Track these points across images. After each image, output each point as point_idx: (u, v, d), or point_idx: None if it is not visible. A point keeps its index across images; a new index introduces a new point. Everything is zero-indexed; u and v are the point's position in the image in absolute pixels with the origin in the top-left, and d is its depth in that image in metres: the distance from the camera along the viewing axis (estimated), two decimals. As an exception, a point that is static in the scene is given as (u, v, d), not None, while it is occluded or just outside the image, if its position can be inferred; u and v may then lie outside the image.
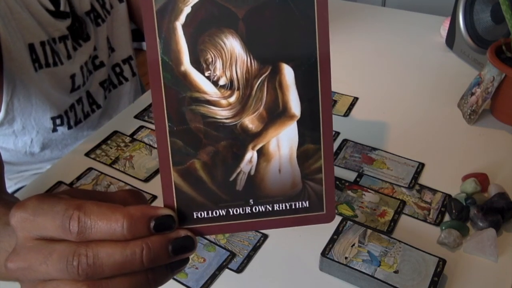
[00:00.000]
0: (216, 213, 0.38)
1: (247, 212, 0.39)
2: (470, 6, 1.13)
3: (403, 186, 0.82)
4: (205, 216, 0.38)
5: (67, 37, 0.94)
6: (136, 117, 1.01)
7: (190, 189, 0.38)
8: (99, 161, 0.89)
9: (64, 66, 0.95)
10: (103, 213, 0.35)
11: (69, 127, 1.00)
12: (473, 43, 1.13)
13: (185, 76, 0.37)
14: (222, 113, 0.37)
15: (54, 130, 0.98)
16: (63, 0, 0.93)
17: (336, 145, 0.91)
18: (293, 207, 0.39)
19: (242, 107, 0.37)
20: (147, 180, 0.85)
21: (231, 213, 0.38)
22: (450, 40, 1.21)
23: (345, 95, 1.06)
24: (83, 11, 0.98)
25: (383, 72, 1.16)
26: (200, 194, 0.38)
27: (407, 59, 1.21)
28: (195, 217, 0.38)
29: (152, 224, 0.36)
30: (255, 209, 0.39)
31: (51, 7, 0.91)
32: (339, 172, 0.85)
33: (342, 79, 1.11)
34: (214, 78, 0.37)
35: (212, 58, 0.37)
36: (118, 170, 0.87)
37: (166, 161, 0.38)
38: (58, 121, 0.97)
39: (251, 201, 0.38)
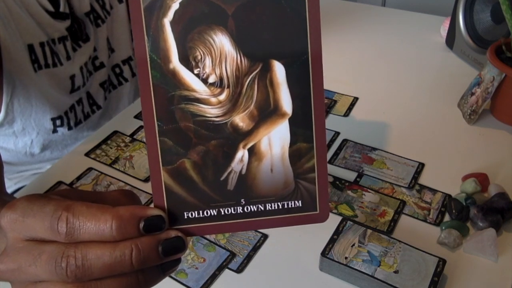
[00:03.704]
0: (207, 213, 0.38)
1: (238, 212, 0.38)
2: (470, 6, 1.13)
3: (403, 186, 0.81)
4: (196, 216, 0.38)
5: (66, 38, 0.94)
6: (136, 117, 1.01)
7: (180, 189, 0.38)
8: (99, 161, 0.89)
9: (63, 67, 0.94)
10: (92, 214, 0.34)
11: (69, 128, 1.00)
12: (473, 43, 1.13)
13: (174, 74, 0.36)
14: (212, 111, 0.37)
15: (54, 131, 0.98)
16: (62, 1, 0.93)
17: (336, 145, 0.91)
18: (286, 206, 0.38)
19: (232, 105, 0.37)
20: (147, 180, 0.85)
21: (223, 213, 0.38)
22: (450, 40, 1.20)
23: (345, 95, 1.06)
24: (82, 12, 0.98)
25: (383, 72, 1.15)
26: (190, 194, 0.38)
27: (407, 59, 1.20)
28: (185, 217, 0.38)
29: (141, 224, 0.35)
30: (247, 209, 0.38)
31: (51, 8, 0.91)
32: (339, 172, 0.85)
33: (342, 79, 1.11)
34: (203, 75, 0.37)
35: (201, 56, 0.36)
36: (118, 170, 0.87)
37: (155, 161, 0.37)
38: (58, 122, 0.97)
39: (242, 200, 0.38)
